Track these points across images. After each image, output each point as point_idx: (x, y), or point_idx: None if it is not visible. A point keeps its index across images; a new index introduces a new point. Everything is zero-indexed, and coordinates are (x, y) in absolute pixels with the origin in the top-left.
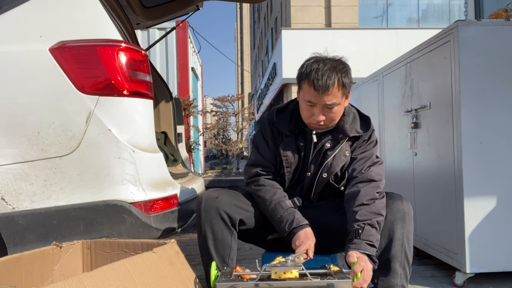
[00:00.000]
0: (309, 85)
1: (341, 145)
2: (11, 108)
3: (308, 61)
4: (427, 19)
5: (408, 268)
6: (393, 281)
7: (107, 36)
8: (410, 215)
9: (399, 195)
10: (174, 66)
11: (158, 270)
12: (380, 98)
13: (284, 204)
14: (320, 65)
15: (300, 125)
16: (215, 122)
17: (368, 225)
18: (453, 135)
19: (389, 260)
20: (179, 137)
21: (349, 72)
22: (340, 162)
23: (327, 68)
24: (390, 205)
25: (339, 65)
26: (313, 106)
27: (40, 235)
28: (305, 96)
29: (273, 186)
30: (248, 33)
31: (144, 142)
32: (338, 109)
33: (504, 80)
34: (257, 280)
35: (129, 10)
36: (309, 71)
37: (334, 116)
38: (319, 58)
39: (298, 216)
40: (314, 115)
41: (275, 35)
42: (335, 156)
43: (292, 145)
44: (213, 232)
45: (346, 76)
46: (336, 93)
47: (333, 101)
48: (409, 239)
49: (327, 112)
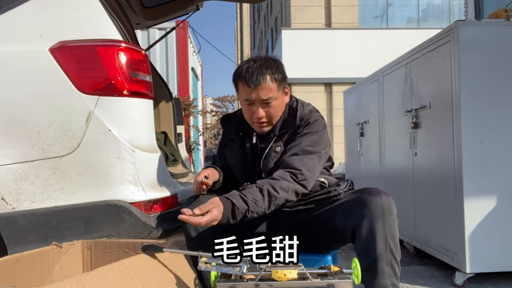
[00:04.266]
0: (242, 83)
1: (271, 144)
2: (11, 108)
3: (240, 64)
4: (427, 19)
5: (396, 265)
6: (382, 281)
7: (107, 36)
8: (391, 209)
9: (377, 190)
10: (174, 66)
11: (158, 270)
12: (380, 98)
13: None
14: (251, 63)
15: (246, 128)
16: (215, 122)
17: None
18: (453, 135)
19: (375, 260)
20: (179, 137)
21: (281, 67)
22: (271, 159)
23: (257, 65)
24: (369, 202)
25: (269, 61)
26: (252, 104)
27: (40, 235)
28: (242, 96)
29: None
30: (248, 33)
31: (144, 142)
32: (276, 103)
33: (504, 80)
34: (257, 280)
35: (129, 10)
36: (241, 71)
37: (274, 111)
38: (250, 59)
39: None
40: (254, 113)
41: (275, 35)
42: (266, 155)
43: (238, 148)
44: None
45: (277, 71)
46: (270, 86)
47: (269, 95)
48: (393, 234)
49: (266, 108)
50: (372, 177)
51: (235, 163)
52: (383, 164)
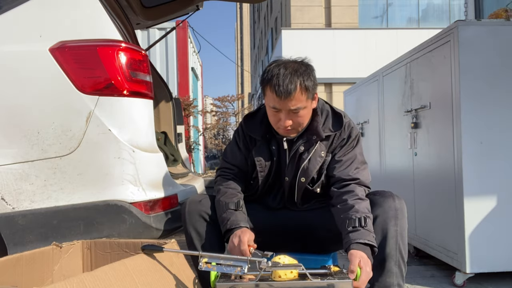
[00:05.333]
0: (271, 91)
1: (315, 147)
2: (11, 108)
3: (269, 66)
4: (427, 19)
5: (403, 266)
6: (389, 280)
7: (107, 36)
8: (403, 212)
9: (390, 193)
10: (174, 66)
11: (158, 270)
12: (380, 98)
13: (226, 206)
14: (281, 70)
15: (271, 130)
16: (215, 122)
17: (369, 218)
18: (453, 135)
19: (384, 259)
20: (179, 137)
21: (312, 73)
22: (316, 164)
23: (288, 72)
24: (382, 203)
25: (301, 67)
26: (279, 112)
27: (40, 235)
28: (269, 102)
29: (226, 186)
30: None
31: (144, 142)
32: (304, 112)
33: (504, 80)
34: (257, 280)
35: (129, 10)
36: (271, 77)
37: (302, 120)
38: (280, 62)
39: (233, 218)
40: (280, 121)
41: (275, 35)
42: (310, 159)
43: (264, 150)
44: (198, 233)
45: (308, 78)
46: (299, 97)
47: (298, 105)
48: (403, 236)
49: (293, 116)
50: (372, 177)
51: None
52: (383, 164)
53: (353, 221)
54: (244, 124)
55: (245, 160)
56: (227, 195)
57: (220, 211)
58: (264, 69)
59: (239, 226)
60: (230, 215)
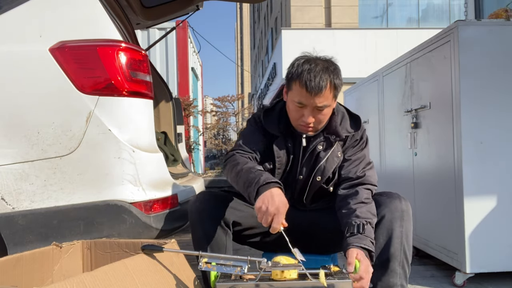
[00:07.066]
0: (301, 86)
1: (334, 147)
2: (11, 108)
3: (298, 61)
4: (427, 19)
5: (407, 267)
6: (392, 280)
7: (107, 36)
8: (409, 213)
9: (397, 194)
10: (174, 66)
11: (158, 270)
12: (380, 98)
13: (253, 169)
14: (312, 66)
15: (289, 126)
16: (215, 122)
17: (369, 224)
18: (453, 135)
19: (388, 259)
20: (179, 137)
21: (340, 73)
22: (333, 164)
23: (319, 69)
24: (388, 204)
25: (331, 65)
26: (303, 108)
27: (40, 235)
28: (295, 97)
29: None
30: (248, 33)
31: (144, 142)
32: (327, 111)
33: (504, 80)
34: (257, 280)
35: (129, 10)
36: (301, 72)
37: (324, 118)
38: (310, 58)
39: (266, 176)
40: (303, 117)
41: (275, 35)
42: (328, 159)
43: (283, 146)
44: (206, 233)
45: (337, 77)
46: (328, 95)
47: (324, 103)
48: (408, 237)
49: (316, 114)
50: None
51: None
52: (383, 164)
53: (353, 227)
54: (263, 119)
55: (262, 148)
56: (249, 164)
57: (245, 176)
58: (292, 64)
59: (276, 181)
60: (262, 174)
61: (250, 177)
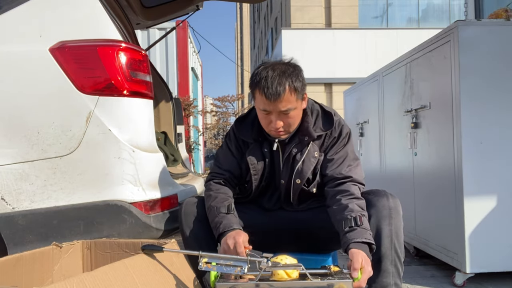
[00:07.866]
0: (260, 94)
1: (308, 148)
2: (11, 108)
3: (257, 69)
4: (427, 19)
5: (400, 265)
6: (386, 280)
7: (107, 36)
8: (397, 210)
9: (384, 191)
10: (174, 66)
11: (158, 270)
12: (380, 98)
13: (218, 210)
14: (269, 72)
15: (263, 132)
16: (215, 122)
17: (364, 217)
18: (453, 135)
19: (380, 259)
20: (179, 137)
21: (300, 74)
22: (310, 165)
23: (276, 74)
24: (375, 203)
25: (289, 68)
26: (269, 114)
27: (40, 235)
28: (259, 105)
29: (217, 191)
30: (248, 33)
31: (144, 142)
32: (294, 113)
33: (504, 80)
34: (257, 280)
35: (129, 10)
36: (259, 80)
37: (293, 121)
38: (268, 64)
39: (225, 222)
40: (272, 123)
41: (275, 35)
42: (304, 160)
43: (257, 153)
44: (195, 234)
45: (297, 79)
46: (289, 98)
47: (288, 106)
48: (398, 235)
49: (283, 118)
50: (372, 177)
51: (256, 165)
52: (383, 164)
53: (349, 221)
54: (235, 128)
55: (237, 164)
56: (217, 200)
57: (212, 216)
58: (252, 72)
59: (232, 228)
60: (222, 219)
61: (215, 221)
